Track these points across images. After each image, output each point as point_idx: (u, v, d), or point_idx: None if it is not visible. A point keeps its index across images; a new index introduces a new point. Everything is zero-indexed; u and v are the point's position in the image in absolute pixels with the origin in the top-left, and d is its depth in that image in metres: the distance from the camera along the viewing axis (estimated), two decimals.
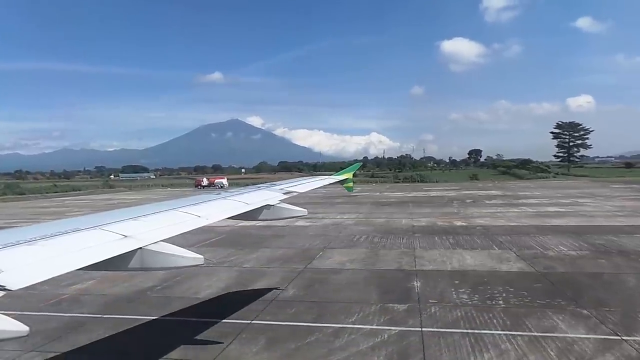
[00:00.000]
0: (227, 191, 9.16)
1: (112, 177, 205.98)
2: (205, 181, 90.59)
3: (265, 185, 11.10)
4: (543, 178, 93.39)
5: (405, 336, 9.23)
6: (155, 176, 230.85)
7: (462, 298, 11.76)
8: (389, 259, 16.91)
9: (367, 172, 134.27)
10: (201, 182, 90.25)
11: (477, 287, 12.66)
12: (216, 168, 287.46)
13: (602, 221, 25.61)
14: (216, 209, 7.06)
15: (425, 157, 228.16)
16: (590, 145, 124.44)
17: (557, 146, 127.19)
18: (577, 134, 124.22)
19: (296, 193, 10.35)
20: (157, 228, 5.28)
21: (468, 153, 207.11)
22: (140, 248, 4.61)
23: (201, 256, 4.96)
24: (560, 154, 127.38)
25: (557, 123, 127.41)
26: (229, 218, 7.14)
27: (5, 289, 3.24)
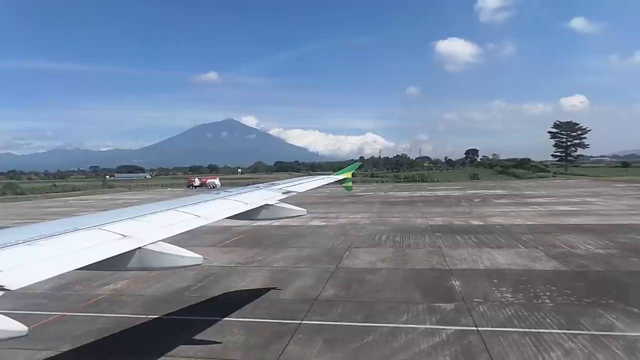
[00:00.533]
0: (227, 191, 9.13)
1: (108, 177, 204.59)
2: (197, 181, 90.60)
3: (264, 185, 11.10)
4: (543, 177, 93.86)
5: (463, 336, 9.19)
6: (151, 176, 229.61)
7: (507, 297, 11.73)
8: (419, 258, 16.87)
9: (367, 172, 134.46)
10: (193, 182, 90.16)
11: (518, 286, 12.64)
12: (212, 168, 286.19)
13: (619, 220, 25.75)
14: (215, 209, 7.04)
15: (421, 157, 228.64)
16: (587, 144, 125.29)
17: (555, 145, 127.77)
18: (575, 134, 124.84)
19: (295, 193, 10.34)
20: (156, 228, 5.26)
21: (465, 153, 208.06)
22: (139, 248, 4.58)
23: (200, 256, 4.93)
24: (557, 154, 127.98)
25: (555, 122, 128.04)
26: (228, 218, 7.11)
27: (4, 289, 3.24)
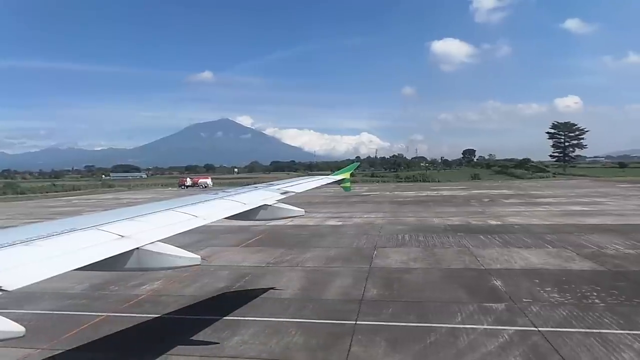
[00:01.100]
0: (225, 191, 9.08)
1: (104, 177, 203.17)
2: (189, 181, 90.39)
3: (262, 185, 11.06)
4: (543, 178, 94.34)
5: (526, 336, 9.11)
6: (147, 175, 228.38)
7: (554, 297, 11.68)
8: (450, 258, 16.81)
9: (366, 172, 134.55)
10: (185, 182, 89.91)
11: (562, 286, 12.60)
12: (208, 168, 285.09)
13: (636, 220, 25.86)
14: (214, 209, 6.99)
15: (417, 157, 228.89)
16: (585, 145, 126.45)
17: (553, 146, 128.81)
18: (573, 134, 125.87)
19: (293, 193, 10.29)
20: (154, 228, 5.23)
21: (462, 153, 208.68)
22: (137, 248, 4.54)
23: (198, 256, 4.90)
24: (556, 154, 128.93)
25: (553, 123, 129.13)
26: (227, 218, 7.06)
27: (1, 289, 3.23)
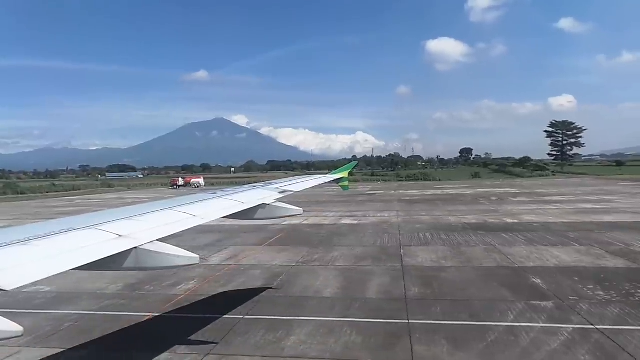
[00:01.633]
0: (223, 190, 9.08)
1: (100, 177, 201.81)
2: (181, 181, 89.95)
3: (260, 184, 11.06)
4: (543, 176, 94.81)
5: (586, 334, 9.06)
6: (143, 175, 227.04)
7: (600, 294, 11.66)
8: (480, 257, 16.77)
9: (366, 171, 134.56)
10: (177, 182, 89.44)
11: (603, 284, 12.59)
12: (205, 167, 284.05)
13: None
14: (212, 208, 6.98)
15: (413, 156, 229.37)
16: (583, 143, 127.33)
17: (551, 144, 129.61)
18: (571, 133, 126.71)
19: (292, 192, 10.26)
20: (152, 227, 5.23)
21: (460, 152, 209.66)
22: (135, 248, 4.54)
23: (197, 256, 4.88)
24: (554, 152, 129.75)
25: (551, 122, 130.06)
26: (225, 217, 7.03)
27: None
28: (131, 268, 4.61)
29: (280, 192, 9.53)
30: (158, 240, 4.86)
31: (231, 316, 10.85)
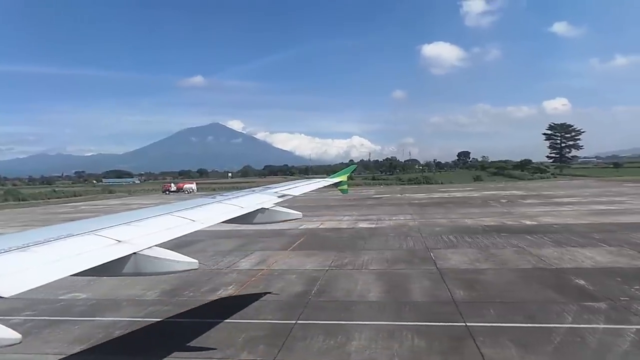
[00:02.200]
0: (222, 195, 9.04)
1: (96, 182, 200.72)
2: (173, 186, 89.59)
3: (259, 188, 11.00)
4: (543, 178, 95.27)
5: None
6: (140, 181, 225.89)
7: None
8: (512, 258, 16.70)
9: (365, 175, 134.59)
10: (169, 188, 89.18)
11: None
12: (202, 172, 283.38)
13: None
14: (211, 213, 6.93)
15: (410, 160, 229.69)
16: (582, 145, 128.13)
17: (550, 147, 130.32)
18: (569, 135, 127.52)
19: (291, 196, 10.21)
20: (151, 233, 5.22)
21: (457, 155, 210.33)
22: (134, 253, 4.52)
23: (196, 261, 4.83)
24: (553, 155, 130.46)
25: (550, 124, 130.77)
26: (224, 222, 6.99)
27: None
28: (130, 274, 4.58)
29: (279, 197, 9.49)
30: (157, 245, 4.83)
31: (284, 321, 10.68)
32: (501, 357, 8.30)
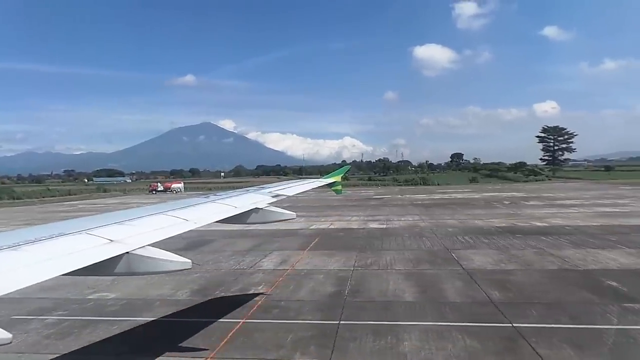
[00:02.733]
0: (216, 194, 9.08)
1: (86, 181, 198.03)
2: (160, 186, 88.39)
3: (253, 188, 11.03)
4: (538, 181, 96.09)
5: None
6: (131, 180, 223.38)
7: None
8: (536, 259, 16.75)
9: (360, 176, 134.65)
10: (156, 187, 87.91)
11: None
12: (194, 172, 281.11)
13: None
14: (204, 213, 6.95)
15: (402, 161, 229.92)
16: (574, 148, 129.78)
17: (543, 149, 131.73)
18: (562, 138, 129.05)
19: (285, 196, 10.26)
20: (144, 232, 5.24)
21: (450, 156, 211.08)
22: (127, 253, 4.53)
23: (189, 260, 4.86)
24: (546, 157, 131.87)
25: (543, 127, 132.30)
26: (218, 222, 7.01)
27: None
28: (123, 273, 4.56)
29: (273, 197, 9.48)
30: (150, 245, 4.79)
31: (327, 321, 10.56)
32: (559, 358, 8.27)
